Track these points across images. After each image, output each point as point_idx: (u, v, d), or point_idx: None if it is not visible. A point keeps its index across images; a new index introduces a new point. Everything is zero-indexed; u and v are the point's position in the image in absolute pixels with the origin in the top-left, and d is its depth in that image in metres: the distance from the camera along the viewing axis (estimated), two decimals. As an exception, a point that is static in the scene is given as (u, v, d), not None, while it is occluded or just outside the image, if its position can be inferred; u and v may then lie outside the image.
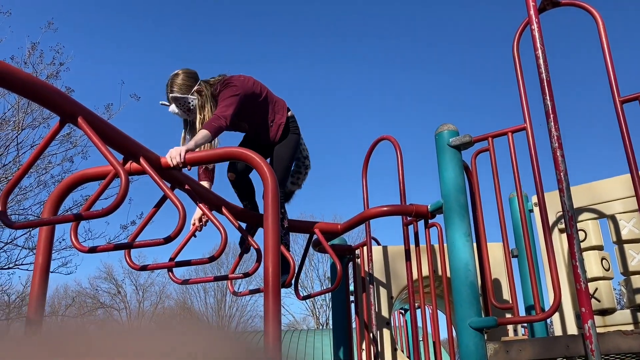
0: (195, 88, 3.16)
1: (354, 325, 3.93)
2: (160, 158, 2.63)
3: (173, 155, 2.62)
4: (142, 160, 2.45)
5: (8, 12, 11.41)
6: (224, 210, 2.96)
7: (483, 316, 2.79)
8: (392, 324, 4.19)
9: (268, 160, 3.33)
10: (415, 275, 3.39)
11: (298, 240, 28.88)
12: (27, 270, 11.28)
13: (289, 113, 3.52)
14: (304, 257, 3.62)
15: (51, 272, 2.77)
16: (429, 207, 3.15)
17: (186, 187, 2.80)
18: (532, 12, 2.83)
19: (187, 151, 2.65)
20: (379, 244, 4.27)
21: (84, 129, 2.06)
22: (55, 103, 2.01)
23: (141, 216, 12.29)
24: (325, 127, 44.55)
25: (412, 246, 3.38)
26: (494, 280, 3.61)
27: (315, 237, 3.52)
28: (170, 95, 3.15)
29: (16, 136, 10.92)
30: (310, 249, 3.68)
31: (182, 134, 3.28)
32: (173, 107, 3.18)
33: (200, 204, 2.71)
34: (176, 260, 2.92)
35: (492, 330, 3.22)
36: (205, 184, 3.27)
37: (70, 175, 2.82)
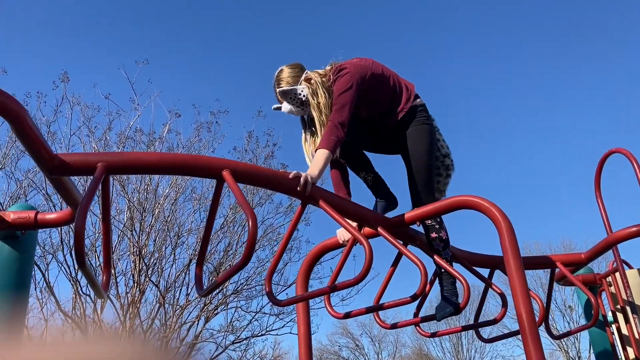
0: (303, 77, 2.89)
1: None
2: (389, 219, 2.76)
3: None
4: (374, 224, 2.60)
5: (226, 111, 13.12)
6: (460, 259, 2.97)
7: None
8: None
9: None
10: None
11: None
12: (276, 335, 12.34)
13: (418, 101, 3.00)
14: (550, 293, 3.41)
15: (295, 334, 3.02)
16: (687, 219, 2.79)
17: (417, 242, 2.88)
18: None
19: (312, 177, 2.39)
20: (630, 267, 3.86)
21: (325, 208, 2.27)
22: (299, 190, 2.26)
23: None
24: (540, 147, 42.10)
25: (676, 265, 3.01)
26: None
27: (557, 270, 3.33)
28: (278, 90, 2.87)
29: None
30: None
31: (302, 136, 2.98)
32: (285, 105, 2.89)
33: (436, 257, 2.76)
34: (420, 315, 2.99)
35: None
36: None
37: (313, 248, 3.09)
